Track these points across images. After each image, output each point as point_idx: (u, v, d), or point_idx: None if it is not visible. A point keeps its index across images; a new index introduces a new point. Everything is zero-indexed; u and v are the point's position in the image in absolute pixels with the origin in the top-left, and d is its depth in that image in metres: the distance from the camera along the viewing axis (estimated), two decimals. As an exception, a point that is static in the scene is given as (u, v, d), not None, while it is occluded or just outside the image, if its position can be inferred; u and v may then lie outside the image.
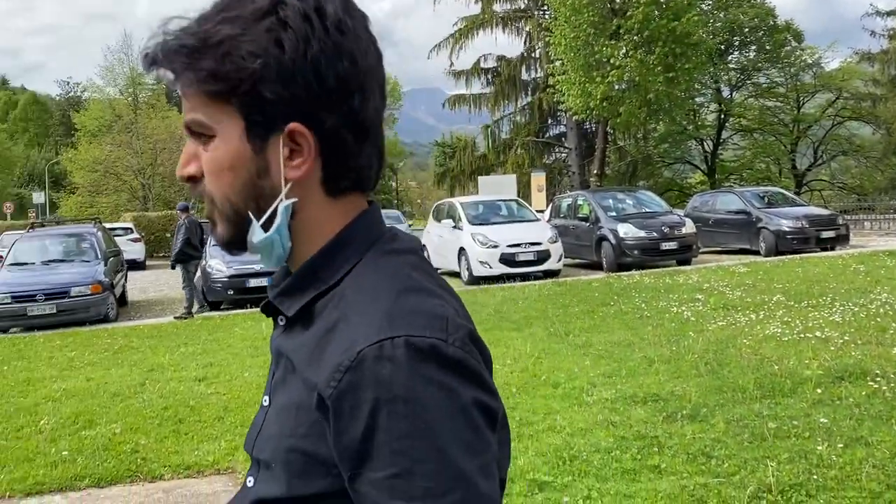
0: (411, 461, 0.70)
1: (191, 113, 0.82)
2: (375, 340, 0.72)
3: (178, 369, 7.33)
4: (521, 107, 36.73)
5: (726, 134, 40.02)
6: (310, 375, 0.77)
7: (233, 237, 0.85)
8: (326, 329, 0.78)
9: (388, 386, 0.71)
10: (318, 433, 0.76)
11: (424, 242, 17.19)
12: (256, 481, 0.85)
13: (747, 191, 19.34)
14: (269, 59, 0.77)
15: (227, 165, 0.81)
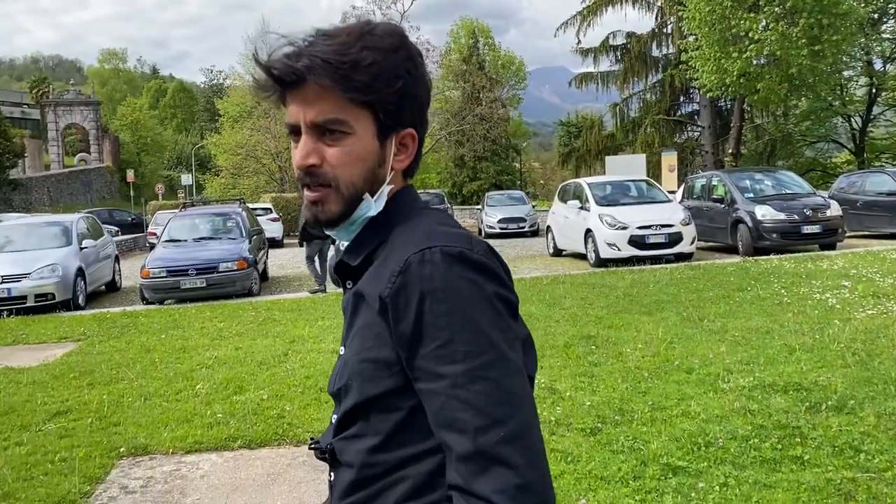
0: (452, 332, 0.93)
1: (331, 113, 1.05)
2: (418, 250, 0.97)
3: (316, 341, 7.73)
4: (651, 84, 35.53)
5: (878, 110, 36.94)
6: (373, 292, 1.00)
7: (341, 214, 1.09)
8: (382, 261, 1.03)
9: (429, 280, 0.95)
10: (382, 339, 0.99)
11: (549, 224, 17.11)
12: (339, 410, 1.08)
13: (900, 170, 17.89)
14: (405, 82, 1.06)
15: (360, 157, 1.07)
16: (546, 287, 10.71)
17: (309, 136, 1.06)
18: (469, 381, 0.92)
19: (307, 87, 1.04)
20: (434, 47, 34.57)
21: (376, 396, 1.01)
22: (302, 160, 1.07)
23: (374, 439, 1.03)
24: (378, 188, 1.10)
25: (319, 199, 1.08)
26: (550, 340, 6.99)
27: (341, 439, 1.08)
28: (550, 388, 5.42)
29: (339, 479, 1.09)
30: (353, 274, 1.10)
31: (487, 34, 48.80)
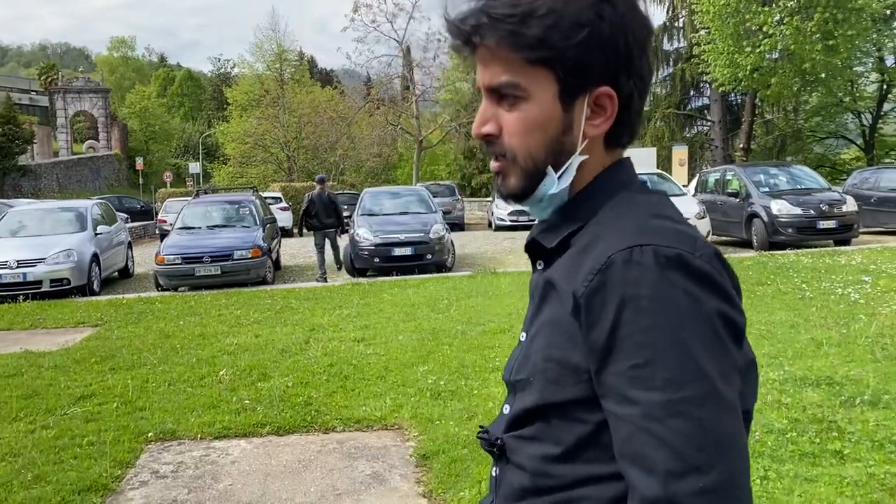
0: (653, 352, 0.78)
1: (503, 76, 0.92)
2: (625, 247, 0.83)
3: (336, 330, 7.72)
4: (662, 78, 35.34)
5: (888, 106, 36.73)
6: (566, 287, 0.88)
7: (524, 189, 0.96)
8: (581, 249, 0.90)
9: (634, 285, 0.80)
10: (572, 341, 0.86)
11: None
12: (514, 403, 0.97)
13: (917, 167, 17.77)
14: (593, 29, 0.88)
15: (538, 124, 0.93)
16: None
17: (488, 100, 0.95)
18: (667, 414, 0.78)
19: (481, 48, 0.93)
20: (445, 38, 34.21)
21: (560, 403, 0.89)
22: (477, 128, 0.96)
23: (553, 448, 0.90)
24: (565, 160, 0.94)
25: (500, 170, 0.97)
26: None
27: (515, 437, 0.96)
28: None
29: (506, 479, 0.97)
30: (545, 255, 0.98)
31: (497, 25, 48.49)
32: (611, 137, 0.96)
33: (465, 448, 4.19)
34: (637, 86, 0.94)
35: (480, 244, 19.69)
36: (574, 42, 0.88)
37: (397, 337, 7.19)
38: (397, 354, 6.46)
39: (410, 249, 12.69)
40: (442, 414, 4.84)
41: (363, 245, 12.75)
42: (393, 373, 5.88)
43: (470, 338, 6.95)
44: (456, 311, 8.42)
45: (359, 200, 15.01)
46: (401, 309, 8.78)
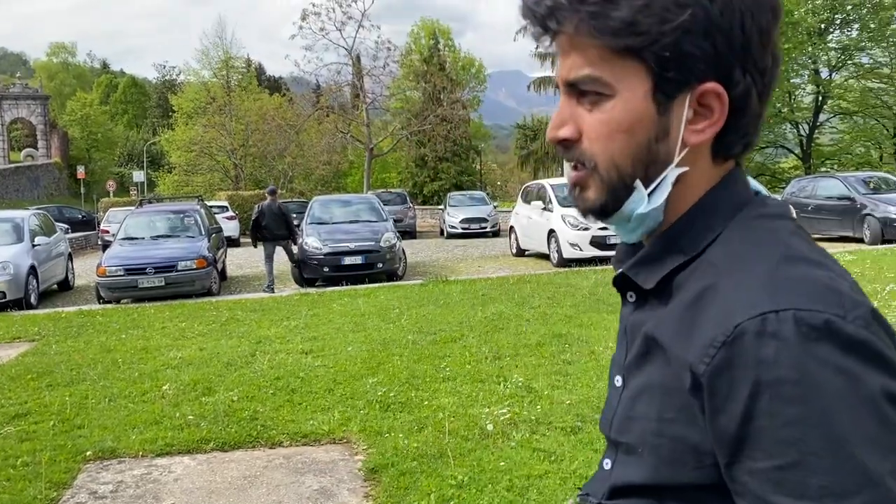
0: (802, 453, 0.62)
1: (585, 69, 0.76)
2: (756, 314, 0.65)
3: (284, 342, 7.60)
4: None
5: (824, 117, 38.16)
6: (679, 353, 0.71)
7: (605, 205, 0.79)
8: (692, 300, 0.72)
9: (771, 366, 0.63)
10: (687, 417, 0.70)
11: (512, 224, 17.18)
12: (614, 464, 0.81)
13: (851, 176, 18.48)
14: (696, 10, 0.71)
15: (624, 127, 0.76)
16: (513, 286, 10.72)
17: (567, 98, 0.79)
18: None
19: (560, 35, 0.77)
20: (395, 47, 34.47)
21: (678, 486, 0.73)
22: (552, 131, 0.80)
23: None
24: (659, 172, 0.77)
25: (578, 181, 0.80)
26: (523, 339, 6.99)
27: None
28: (527, 386, 5.41)
29: None
30: (637, 290, 0.81)
31: (447, 35, 48.95)
32: (720, 146, 0.78)
33: (414, 461, 4.16)
34: (756, 82, 0.76)
35: (432, 252, 19.70)
36: (672, 26, 0.71)
37: (346, 348, 7.11)
38: (346, 366, 6.39)
39: (361, 258, 12.61)
40: (391, 426, 4.79)
41: (312, 254, 12.62)
42: (341, 385, 5.81)
43: (420, 347, 6.92)
44: (407, 320, 8.38)
45: (307, 209, 14.85)
46: (350, 319, 8.70)
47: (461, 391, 5.42)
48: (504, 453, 4.18)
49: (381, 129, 37.81)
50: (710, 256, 0.75)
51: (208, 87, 43.47)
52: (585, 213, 0.81)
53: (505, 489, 3.73)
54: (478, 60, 51.16)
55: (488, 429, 4.51)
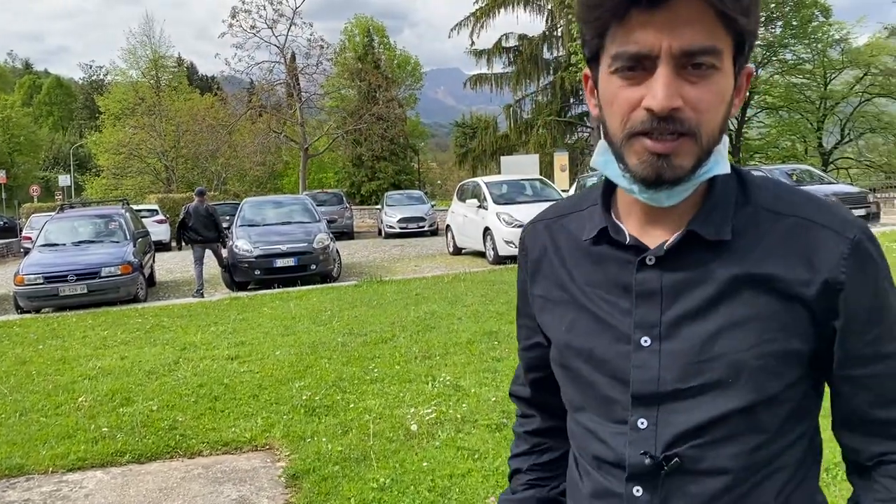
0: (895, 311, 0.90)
1: (705, 40, 0.81)
2: (857, 227, 0.89)
3: (210, 348, 7.39)
4: (543, 86, 36.44)
5: (751, 112, 39.42)
6: (798, 275, 0.87)
7: (691, 170, 0.86)
8: (784, 235, 0.89)
9: (882, 261, 0.90)
10: (792, 330, 0.88)
11: (449, 223, 17.18)
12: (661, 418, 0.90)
13: (776, 168, 19.08)
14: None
15: (724, 98, 0.85)
16: (447, 285, 10.71)
17: (671, 69, 0.81)
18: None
19: (679, 3, 0.79)
20: (329, 44, 34.06)
21: (776, 393, 0.88)
22: (669, 100, 0.81)
23: (759, 437, 0.89)
24: (720, 140, 0.87)
25: (672, 150, 0.83)
26: (454, 338, 6.96)
27: (699, 446, 0.89)
28: (455, 385, 5.38)
29: (682, 494, 0.90)
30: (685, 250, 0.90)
31: (382, 33, 48.62)
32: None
33: (336, 465, 4.08)
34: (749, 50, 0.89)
35: (369, 252, 19.56)
36: (758, 8, 0.83)
37: (274, 352, 6.96)
38: (273, 371, 6.25)
39: (293, 260, 12.40)
40: (315, 430, 4.69)
41: (242, 257, 12.35)
42: (267, 390, 5.67)
43: (350, 349, 6.82)
44: (338, 322, 8.26)
45: (238, 211, 14.52)
46: (280, 323, 8.53)
47: (388, 392, 5.36)
48: (428, 453, 4.13)
49: (316, 129, 37.34)
50: (759, 203, 0.91)
51: (136, 88, 42.18)
52: (669, 180, 0.85)
53: (427, 490, 3.68)
54: (414, 58, 50.96)
55: (413, 429, 4.46)
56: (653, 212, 0.92)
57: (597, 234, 0.96)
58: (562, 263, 1.01)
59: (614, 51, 0.84)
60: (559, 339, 1.00)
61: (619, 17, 0.82)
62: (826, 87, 37.70)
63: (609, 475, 0.94)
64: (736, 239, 0.88)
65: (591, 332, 0.95)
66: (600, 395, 0.94)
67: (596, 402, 0.95)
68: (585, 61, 0.94)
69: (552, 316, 1.02)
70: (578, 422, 1.00)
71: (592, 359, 0.95)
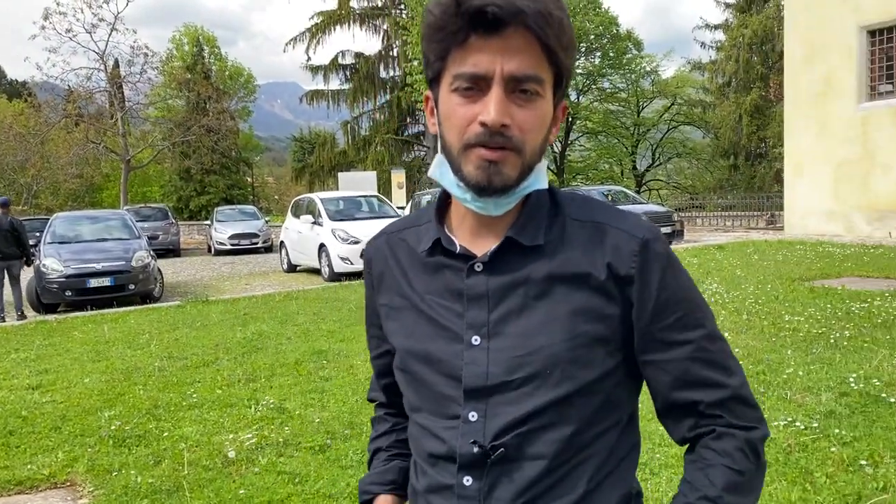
0: (689, 302, 1.01)
1: (530, 69, 0.93)
2: (646, 229, 1.00)
3: (7, 377, 6.71)
4: (380, 104, 36.78)
5: (574, 136, 42.04)
6: (595, 273, 0.98)
7: (515, 180, 0.97)
8: (588, 239, 1.00)
9: (665, 258, 1.00)
10: (598, 319, 0.98)
11: (283, 239, 16.80)
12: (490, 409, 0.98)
13: (593, 189, 20.41)
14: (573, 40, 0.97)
15: (544, 123, 0.98)
16: (279, 304, 10.45)
17: (502, 90, 0.93)
18: (710, 342, 1.01)
19: (512, 34, 0.92)
20: (154, 53, 32.24)
21: (588, 383, 0.98)
22: (501, 116, 0.93)
23: (573, 425, 0.98)
24: (539, 159, 1.00)
25: (499, 159, 0.94)
26: (281, 359, 6.80)
27: (520, 435, 0.97)
28: (280, 407, 5.24)
29: (507, 480, 0.98)
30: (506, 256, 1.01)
31: (213, 43, 46.90)
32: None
33: (145, 498, 3.82)
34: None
35: (196, 270, 18.69)
36: (574, 45, 0.97)
37: (83, 380, 6.44)
38: (79, 400, 5.77)
39: (109, 280, 11.58)
40: (124, 462, 4.38)
41: (51, 277, 11.36)
42: (71, 422, 5.23)
43: (168, 374, 6.46)
44: (157, 345, 7.80)
45: (46, 227, 13.35)
46: (92, 348, 7.91)
47: (207, 418, 5.12)
48: (247, 480, 3.99)
49: (140, 140, 35.22)
50: (569, 214, 1.03)
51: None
52: (498, 187, 0.96)
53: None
54: (247, 70, 49.52)
55: (231, 456, 4.29)
56: (480, 223, 1.03)
57: (431, 246, 1.05)
58: (402, 274, 1.10)
59: (455, 71, 0.95)
60: (401, 344, 1.08)
61: (459, 42, 0.93)
62: (639, 115, 40.99)
63: (442, 470, 1.01)
64: (548, 244, 1.00)
65: (428, 336, 1.03)
66: (436, 394, 1.02)
67: (432, 401, 1.03)
68: (427, 83, 1.05)
69: (396, 323, 1.10)
70: (416, 422, 1.07)
71: (430, 360, 1.02)
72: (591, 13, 36.40)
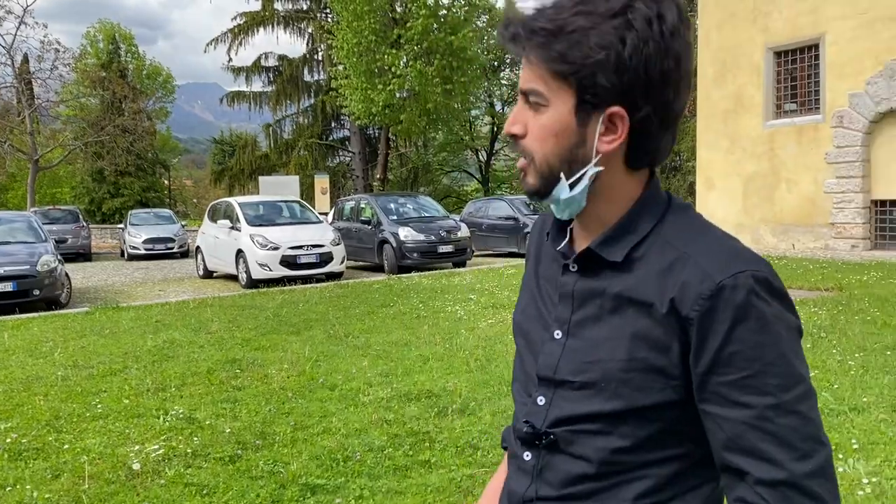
0: (763, 364, 0.92)
1: (531, 83, 0.99)
2: (730, 274, 0.92)
3: None
4: (304, 108, 36.32)
5: (498, 145, 42.58)
6: (658, 304, 0.96)
7: (538, 189, 1.03)
8: (666, 268, 0.98)
9: (743, 309, 0.92)
10: (660, 351, 0.96)
11: (199, 244, 16.35)
12: (553, 400, 1.04)
13: (516, 198, 20.69)
14: (611, 52, 0.94)
15: (554, 132, 0.99)
16: (192, 311, 10.15)
17: (522, 102, 1.02)
18: (777, 414, 0.92)
19: (526, 51, 0.99)
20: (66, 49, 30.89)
21: (644, 407, 0.98)
22: (507, 126, 1.03)
23: (622, 441, 1.00)
24: (579, 170, 1.00)
25: (522, 168, 1.04)
26: (192, 367, 6.60)
27: (573, 431, 1.03)
28: (189, 418, 5.08)
29: (556, 467, 1.05)
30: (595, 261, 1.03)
31: (130, 41, 45.32)
32: (631, 157, 1.01)
33: (41, 515, 3.64)
34: (656, 112, 0.98)
35: (108, 276, 17.98)
36: (592, 61, 0.94)
37: (-24, 390, 6.08)
38: (-28, 412, 5.45)
39: (11, 285, 10.99)
40: (20, 477, 4.15)
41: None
42: (-38, 435, 4.92)
43: (72, 384, 6.17)
44: (61, 354, 7.45)
45: (-58, 229, 12.59)
46: (-13, 356, 7.49)
47: (112, 429, 4.91)
48: (151, 492, 3.84)
49: (50, 139, 33.66)
50: (665, 236, 1.01)
51: None
52: (529, 195, 1.05)
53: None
54: (166, 69, 48.01)
55: (135, 468, 4.12)
56: (579, 224, 1.08)
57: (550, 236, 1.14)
58: (537, 253, 1.19)
59: None
60: (516, 318, 1.18)
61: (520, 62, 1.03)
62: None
63: (517, 440, 1.10)
64: (630, 263, 1.01)
65: (532, 317, 1.12)
66: (526, 371, 1.11)
67: (523, 376, 1.12)
68: None
69: (520, 296, 1.20)
70: (513, 390, 1.17)
71: (528, 339, 1.12)
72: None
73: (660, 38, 0.95)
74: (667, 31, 0.95)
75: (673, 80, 0.97)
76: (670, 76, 0.97)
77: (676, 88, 0.98)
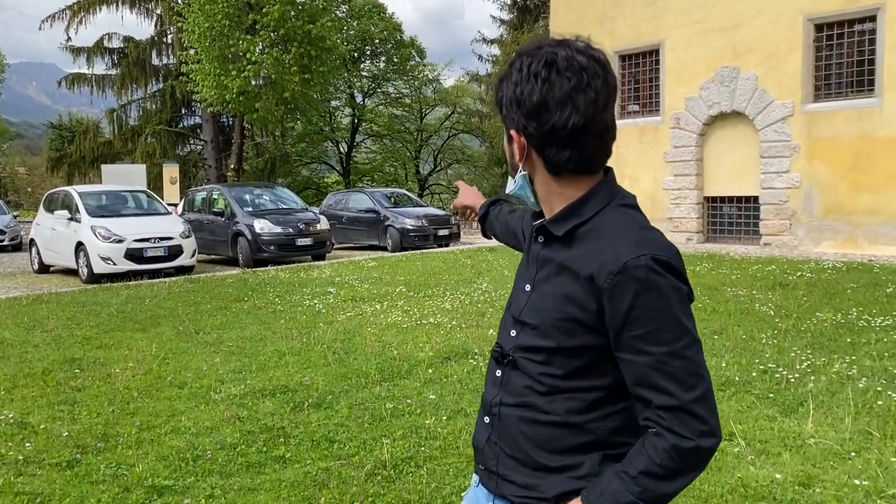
0: (658, 323, 1.24)
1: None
2: (635, 255, 1.24)
3: None
4: (152, 93, 34.33)
5: (359, 138, 42.31)
6: (584, 275, 1.29)
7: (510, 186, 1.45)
8: (594, 249, 1.30)
9: (643, 281, 1.23)
10: (583, 309, 1.29)
11: (33, 236, 15.12)
12: (519, 334, 1.40)
13: (377, 191, 20.68)
14: (503, 94, 1.38)
15: (506, 150, 1.43)
16: (26, 308, 9.39)
17: None
18: (671, 359, 1.23)
19: None
20: None
21: (570, 347, 1.32)
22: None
23: (557, 370, 1.34)
24: (514, 174, 1.42)
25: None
26: (25, 368, 6.12)
27: (525, 357, 1.39)
28: (21, 422, 4.71)
29: (512, 380, 1.42)
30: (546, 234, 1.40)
31: (-50, 12, 41.02)
32: (549, 167, 1.36)
33: None
34: (541, 131, 1.33)
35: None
36: (497, 101, 1.41)
37: None
38: None
39: None
40: None
41: None
42: None
43: None
44: None
45: None
46: None
47: (-72, 439, 4.47)
48: (-25, 506, 3.54)
49: None
50: (598, 224, 1.33)
51: None
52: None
53: (-32, 550, 3.14)
54: (-6, 47, 43.81)
55: (-44, 480, 3.78)
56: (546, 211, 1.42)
57: (533, 215, 1.51)
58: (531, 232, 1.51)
59: None
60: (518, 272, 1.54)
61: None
62: (422, 121, 42.21)
63: (492, 360, 1.49)
64: (571, 240, 1.35)
65: (521, 275, 1.48)
66: (510, 311, 1.47)
67: (507, 314, 1.48)
68: None
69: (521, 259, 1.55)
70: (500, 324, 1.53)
71: (515, 288, 1.48)
72: (376, 17, 36.92)
73: (527, 80, 1.32)
74: (531, 75, 1.32)
75: (549, 108, 1.30)
76: (540, 107, 1.31)
77: (561, 113, 1.30)
